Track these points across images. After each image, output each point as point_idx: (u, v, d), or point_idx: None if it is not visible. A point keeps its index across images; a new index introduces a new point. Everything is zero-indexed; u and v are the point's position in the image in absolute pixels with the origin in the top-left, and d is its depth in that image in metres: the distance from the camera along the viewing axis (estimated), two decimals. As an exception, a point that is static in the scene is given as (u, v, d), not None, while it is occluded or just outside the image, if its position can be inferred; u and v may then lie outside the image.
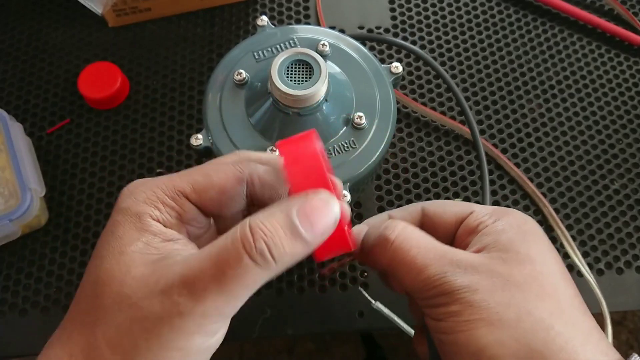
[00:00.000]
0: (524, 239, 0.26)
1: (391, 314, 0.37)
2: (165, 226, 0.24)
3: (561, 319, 0.24)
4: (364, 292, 0.37)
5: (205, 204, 0.25)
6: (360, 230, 0.29)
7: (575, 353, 0.23)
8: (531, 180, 0.46)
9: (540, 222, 0.44)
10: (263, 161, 0.26)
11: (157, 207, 0.24)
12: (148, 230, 0.23)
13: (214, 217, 0.27)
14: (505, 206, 0.45)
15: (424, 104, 0.48)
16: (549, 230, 0.44)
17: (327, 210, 0.23)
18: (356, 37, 0.43)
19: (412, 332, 0.36)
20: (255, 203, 0.27)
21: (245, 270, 0.21)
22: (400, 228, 0.27)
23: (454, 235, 0.29)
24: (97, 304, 0.23)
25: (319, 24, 0.51)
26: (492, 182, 0.45)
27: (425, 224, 0.29)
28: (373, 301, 0.37)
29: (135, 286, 0.22)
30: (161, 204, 0.24)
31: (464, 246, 0.27)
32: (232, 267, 0.21)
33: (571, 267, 0.43)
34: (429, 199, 0.45)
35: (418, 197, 0.45)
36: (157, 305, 0.21)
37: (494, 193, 0.45)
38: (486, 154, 0.46)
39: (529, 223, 0.27)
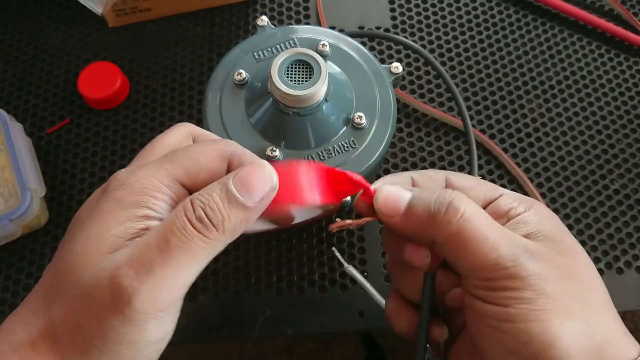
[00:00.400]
0: (563, 231, 0.26)
1: (363, 280, 0.37)
2: (157, 213, 0.24)
3: (610, 311, 0.24)
4: (337, 254, 0.37)
5: (197, 187, 0.25)
6: (395, 193, 0.26)
7: (621, 345, 0.23)
8: (531, 180, 0.46)
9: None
10: (246, 152, 0.27)
11: (157, 195, 0.24)
12: (140, 222, 0.23)
13: None
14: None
15: (424, 102, 0.48)
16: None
17: (261, 173, 0.23)
18: (353, 35, 0.43)
19: (383, 301, 0.35)
20: None
21: (189, 237, 0.22)
22: (468, 200, 0.25)
23: None
24: (60, 292, 0.22)
25: (319, 24, 0.51)
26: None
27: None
28: (345, 264, 0.38)
29: (91, 273, 0.22)
30: (159, 193, 0.24)
31: None
32: (175, 235, 0.21)
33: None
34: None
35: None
36: (107, 294, 0.21)
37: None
38: (489, 152, 0.46)
39: (555, 216, 0.27)
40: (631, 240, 0.44)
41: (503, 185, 0.45)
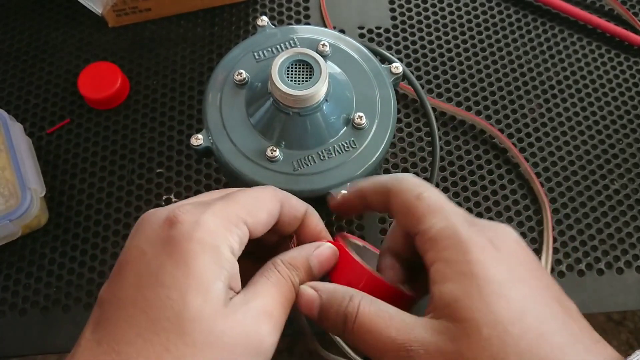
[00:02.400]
0: (467, 293, 0.24)
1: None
2: (233, 254, 0.25)
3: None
4: None
5: (257, 229, 0.27)
6: (312, 299, 0.28)
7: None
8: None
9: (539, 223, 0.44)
10: (290, 194, 0.30)
11: (227, 236, 0.25)
12: (225, 268, 0.24)
13: None
14: (503, 195, 0.45)
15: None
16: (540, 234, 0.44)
17: (332, 255, 0.29)
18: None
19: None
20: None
21: (294, 295, 0.27)
22: (362, 305, 0.26)
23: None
24: (186, 341, 0.22)
25: (323, 24, 0.51)
26: (500, 177, 0.45)
27: (391, 207, 0.29)
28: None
29: (228, 324, 0.23)
30: (229, 233, 0.25)
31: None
32: (290, 294, 0.27)
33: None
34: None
35: (418, 197, 0.45)
36: (253, 336, 0.24)
37: (502, 187, 0.45)
38: (502, 148, 0.46)
39: (471, 252, 0.25)
40: (631, 240, 0.44)
41: (512, 180, 0.45)
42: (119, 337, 0.22)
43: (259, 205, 0.27)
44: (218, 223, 0.25)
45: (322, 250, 0.29)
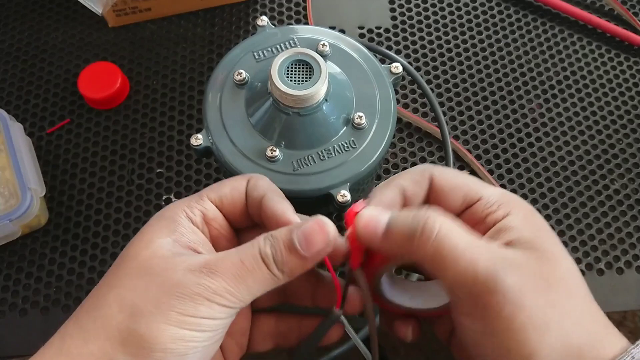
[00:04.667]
0: (544, 236, 0.26)
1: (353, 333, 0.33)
2: (192, 222, 0.27)
3: (591, 313, 0.25)
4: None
5: (221, 201, 0.28)
6: (375, 217, 0.26)
7: (602, 348, 0.24)
8: (531, 180, 0.46)
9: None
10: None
11: (188, 211, 0.27)
12: (178, 231, 0.26)
13: (229, 222, 0.30)
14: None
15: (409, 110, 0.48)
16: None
17: (321, 229, 0.26)
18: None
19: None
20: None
21: (259, 266, 0.25)
22: (443, 217, 0.25)
23: (458, 215, 0.28)
24: (118, 273, 0.25)
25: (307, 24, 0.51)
26: (490, 172, 0.45)
27: (431, 196, 0.28)
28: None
29: (160, 262, 0.25)
30: (188, 207, 0.28)
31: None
32: (250, 260, 0.25)
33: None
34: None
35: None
36: (180, 275, 0.24)
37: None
38: (461, 158, 0.46)
39: (537, 215, 0.27)
40: (631, 240, 0.44)
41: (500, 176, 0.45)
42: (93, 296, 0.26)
43: (223, 183, 0.29)
44: (179, 203, 0.28)
45: (309, 222, 0.26)
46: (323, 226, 0.26)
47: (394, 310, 0.31)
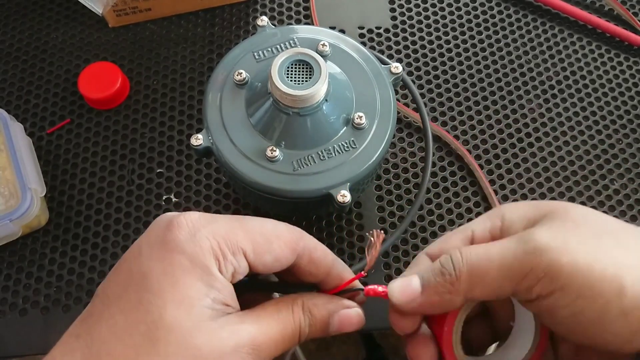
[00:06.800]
0: (569, 206, 0.27)
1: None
2: (223, 275, 0.25)
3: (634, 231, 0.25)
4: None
5: (257, 267, 0.26)
6: (407, 281, 0.27)
7: None
8: (531, 180, 0.46)
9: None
10: (318, 245, 0.28)
11: (221, 261, 0.24)
12: (215, 287, 0.24)
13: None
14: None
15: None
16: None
17: (357, 323, 0.28)
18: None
19: None
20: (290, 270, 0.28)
21: (295, 341, 0.26)
22: (463, 249, 0.26)
23: None
24: (160, 350, 0.22)
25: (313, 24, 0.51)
26: (493, 180, 0.45)
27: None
28: None
29: (206, 340, 0.23)
30: (223, 259, 0.24)
31: None
32: (290, 338, 0.26)
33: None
34: (429, 199, 0.45)
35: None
36: (217, 358, 0.23)
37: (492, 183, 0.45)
38: (455, 154, 0.46)
39: (531, 202, 0.28)
40: (631, 240, 0.44)
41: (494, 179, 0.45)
42: (96, 334, 0.23)
43: (266, 245, 0.26)
44: (215, 244, 0.24)
45: (349, 313, 0.28)
46: (357, 316, 0.28)
47: None
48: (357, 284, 0.29)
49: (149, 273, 0.23)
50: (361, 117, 0.36)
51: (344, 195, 0.34)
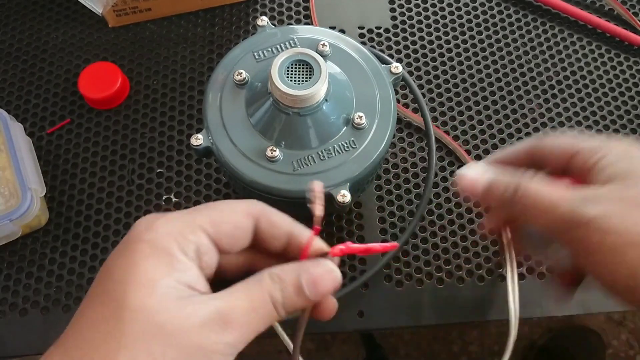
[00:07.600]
0: (638, 165, 0.28)
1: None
2: (186, 256, 0.25)
3: None
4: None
5: (221, 241, 0.26)
6: (479, 175, 0.31)
7: None
8: (531, 180, 0.46)
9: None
10: (273, 209, 0.28)
11: (181, 241, 0.25)
12: (177, 268, 0.24)
13: (221, 253, 0.28)
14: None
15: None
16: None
17: (331, 277, 0.26)
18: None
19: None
20: (257, 244, 0.28)
21: (269, 312, 0.25)
22: (529, 181, 0.29)
23: (565, 172, 0.31)
24: (125, 330, 0.23)
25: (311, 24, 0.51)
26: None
27: (535, 161, 0.32)
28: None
29: (171, 316, 0.23)
30: (183, 239, 0.25)
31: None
32: (262, 306, 0.25)
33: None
34: (429, 199, 0.45)
35: (418, 197, 0.45)
36: (195, 336, 0.23)
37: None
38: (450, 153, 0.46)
39: (636, 147, 0.29)
40: (631, 240, 0.44)
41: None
42: (74, 328, 0.24)
43: (224, 217, 0.26)
44: (171, 228, 0.25)
45: (319, 270, 0.26)
46: (331, 272, 0.27)
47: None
48: (322, 245, 0.28)
49: (112, 267, 0.25)
50: (361, 117, 0.36)
51: (344, 195, 0.34)
